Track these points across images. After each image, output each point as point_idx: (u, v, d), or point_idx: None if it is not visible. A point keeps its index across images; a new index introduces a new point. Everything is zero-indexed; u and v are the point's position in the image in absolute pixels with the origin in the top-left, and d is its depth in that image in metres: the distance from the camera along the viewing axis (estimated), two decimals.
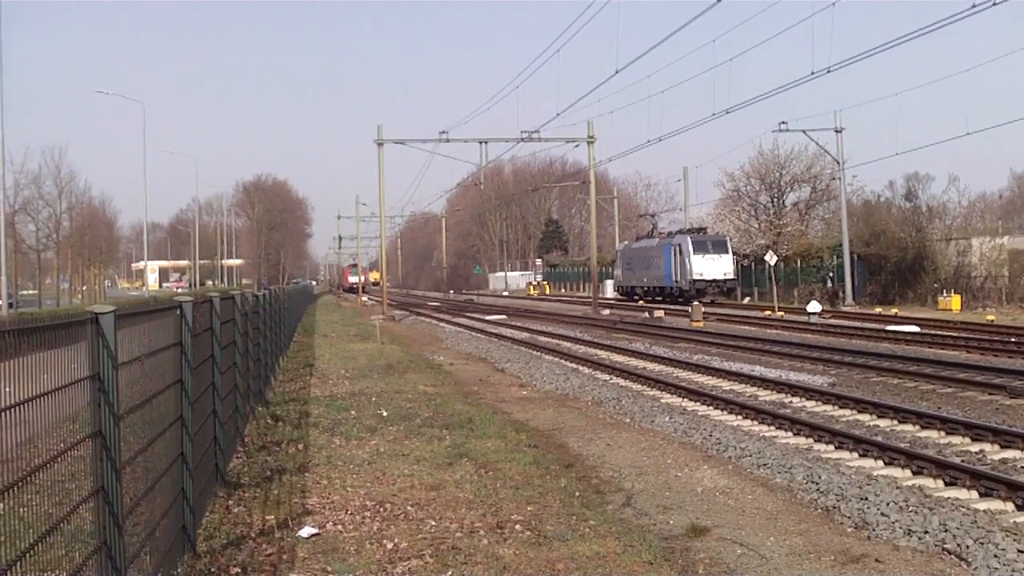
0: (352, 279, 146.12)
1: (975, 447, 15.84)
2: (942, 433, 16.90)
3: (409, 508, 11.09)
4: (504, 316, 59.61)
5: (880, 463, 14.71)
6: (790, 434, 17.31)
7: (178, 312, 9.18)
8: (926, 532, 10.42)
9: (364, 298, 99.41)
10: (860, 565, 9.35)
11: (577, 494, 11.94)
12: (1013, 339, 31.81)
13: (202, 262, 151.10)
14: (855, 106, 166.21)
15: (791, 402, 21.00)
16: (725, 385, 24.06)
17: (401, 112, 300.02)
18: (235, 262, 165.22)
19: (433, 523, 10.42)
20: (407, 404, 19.93)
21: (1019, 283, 55.07)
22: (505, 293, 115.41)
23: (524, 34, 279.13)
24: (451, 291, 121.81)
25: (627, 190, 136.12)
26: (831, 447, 16.05)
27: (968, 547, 9.86)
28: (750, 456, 14.89)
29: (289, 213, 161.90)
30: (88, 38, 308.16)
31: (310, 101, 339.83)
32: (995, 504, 12.18)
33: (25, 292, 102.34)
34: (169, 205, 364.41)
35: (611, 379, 26.28)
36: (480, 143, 61.42)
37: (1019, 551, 9.72)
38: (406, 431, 16.49)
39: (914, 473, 14.00)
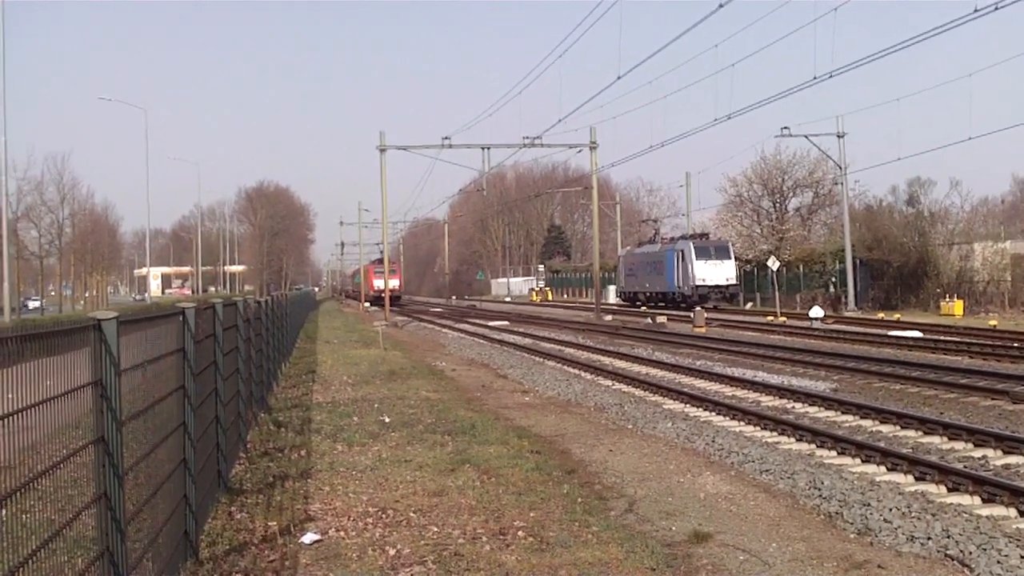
0: (380, 283, 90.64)
1: (978, 453, 15.83)
2: (945, 439, 16.89)
3: (411, 514, 11.09)
4: (506, 322, 59.63)
5: (883, 469, 14.71)
6: (792, 440, 17.31)
7: (180, 318, 9.19)
8: (929, 538, 10.40)
9: (366, 304, 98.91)
10: (863, 571, 9.34)
11: (579, 500, 11.94)
12: (1016, 344, 31.81)
13: (204, 268, 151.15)
14: (857, 111, 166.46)
15: (793, 408, 20.99)
16: (727, 391, 24.05)
17: (404, 118, 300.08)
18: (237, 268, 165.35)
19: (435, 529, 10.42)
20: (409, 410, 19.92)
21: (1022, 288, 55.07)
22: (507, 299, 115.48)
23: (526, 40, 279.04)
24: (453, 297, 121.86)
25: (629, 195, 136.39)
26: (833, 453, 16.04)
27: (971, 553, 9.85)
28: (752, 462, 14.88)
29: (291, 219, 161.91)
30: (91, 44, 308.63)
31: (313, 107, 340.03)
32: (998, 510, 12.17)
33: (33, 304, 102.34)
34: (171, 212, 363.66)
35: (613, 385, 26.28)
36: (482, 149, 61.49)
37: (1022, 557, 9.70)
38: (408, 437, 16.48)
39: (917, 479, 13.99)
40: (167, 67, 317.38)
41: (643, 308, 71.16)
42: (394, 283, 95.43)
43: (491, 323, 58.21)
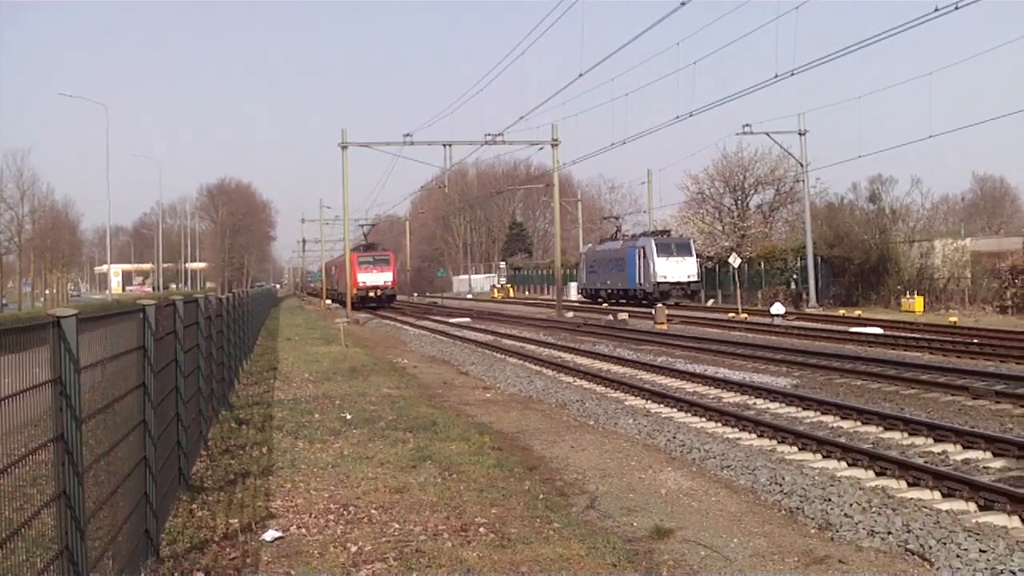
0: (369, 278, 79.43)
1: (938, 448, 15.96)
2: (905, 434, 17.02)
3: (373, 511, 11.06)
4: (468, 319, 59.60)
5: (843, 464, 14.80)
6: (754, 436, 17.38)
7: (141, 316, 9.12)
8: (889, 533, 10.47)
9: (327, 301, 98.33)
10: (823, 566, 9.38)
11: (541, 496, 11.93)
12: (975, 340, 32.09)
13: (166, 265, 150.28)
14: (819, 109, 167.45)
15: (755, 404, 21.09)
16: (689, 387, 24.14)
17: (366, 115, 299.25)
18: (199, 265, 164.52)
19: (397, 526, 10.39)
20: (371, 407, 19.87)
21: (981, 285, 55.51)
22: (469, 296, 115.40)
23: (488, 37, 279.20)
24: (415, 294, 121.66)
25: (591, 193, 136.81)
26: (795, 448, 16.12)
27: (931, 547, 9.92)
28: (714, 458, 14.93)
29: (253, 216, 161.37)
30: (51, 40, 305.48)
31: (274, 104, 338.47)
32: (958, 504, 12.27)
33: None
34: (133, 208, 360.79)
35: (575, 381, 26.31)
36: (444, 146, 61.51)
37: (981, 551, 9.79)
38: (370, 434, 16.44)
39: (877, 474, 14.09)
40: (128, 64, 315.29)
41: (605, 305, 71.29)
42: (386, 277, 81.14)
43: (452, 320, 58.18)
